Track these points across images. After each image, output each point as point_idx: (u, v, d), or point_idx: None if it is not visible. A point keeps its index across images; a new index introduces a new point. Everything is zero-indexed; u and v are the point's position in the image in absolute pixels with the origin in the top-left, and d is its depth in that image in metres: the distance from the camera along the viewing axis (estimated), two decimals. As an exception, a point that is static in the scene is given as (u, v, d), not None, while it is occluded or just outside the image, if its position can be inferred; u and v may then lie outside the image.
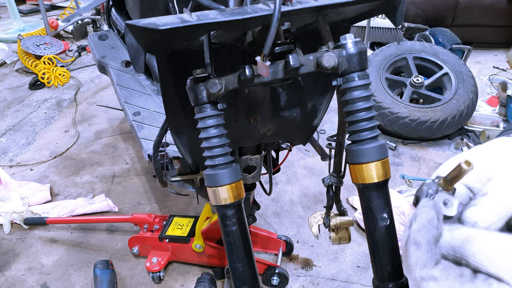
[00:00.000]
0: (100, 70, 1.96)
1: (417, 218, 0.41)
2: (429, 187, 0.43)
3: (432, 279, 0.37)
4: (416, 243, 0.39)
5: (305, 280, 1.64)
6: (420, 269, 0.38)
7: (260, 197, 2.06)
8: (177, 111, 0.87)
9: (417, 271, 0.38)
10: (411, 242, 0.40)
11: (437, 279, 0.37)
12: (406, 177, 2.25)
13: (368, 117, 0.67)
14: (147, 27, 0.56)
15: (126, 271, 1.68)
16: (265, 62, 0.61)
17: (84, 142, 2.61)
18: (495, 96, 3.01)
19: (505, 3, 3.89)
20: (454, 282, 0.36)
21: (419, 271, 0.38)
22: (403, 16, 0.74)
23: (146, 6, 1.68)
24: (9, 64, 3.89)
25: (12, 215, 1.90)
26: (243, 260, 0.75)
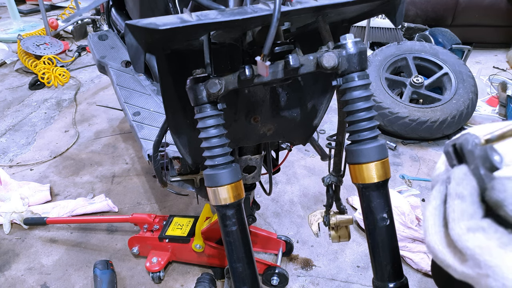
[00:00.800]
0: (100, 70, 1.96)
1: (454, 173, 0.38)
2: (474, 137, 0.39)
3: (480, 229, 0.34)
4: (460, 196, 0.37)
5: (305, 280, 1.64)
6: (467, 220, 0.35)
7: (260, 197, 2.06)
8: (177, 111, 0.87)
9: (463, 223, 0.35)
10: (454, 196, 0.37)
11: (486, 230, 0.34)
12: (406, 177, 2.25)
13: (368, 117, 0.67)
14: (147, 27, 0.56)
15: (126, 271, 1.68)
16: (265, 62, 0.61)
17: (84, 142, 2.61)
18: (495, 96, 3.01)
19: (505, 3, 3.89)
20: (503, 236, 0.33)
21: (466, 222, 0.35)
22: (403, 16, 0.74)
23: (146, 6, 1.68)
24: (9, 64, 3.88)
25: (12, 215, 1.90)
26: (243, 260, 0.75)
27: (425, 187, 2.18)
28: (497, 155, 0.37)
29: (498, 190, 0.35)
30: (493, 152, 0.37)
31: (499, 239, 0.33)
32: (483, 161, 0.37)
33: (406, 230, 1.71)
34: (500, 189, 0.35)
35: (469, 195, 0.37)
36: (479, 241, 0.34)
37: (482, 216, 0.35)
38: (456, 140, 0.41)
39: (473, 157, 0.38)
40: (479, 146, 0.38)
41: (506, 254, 0.32)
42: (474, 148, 0.38)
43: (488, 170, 0.37)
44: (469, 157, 0.39)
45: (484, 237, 0.34)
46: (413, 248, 1.68)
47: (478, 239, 0.34)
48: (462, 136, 0.40)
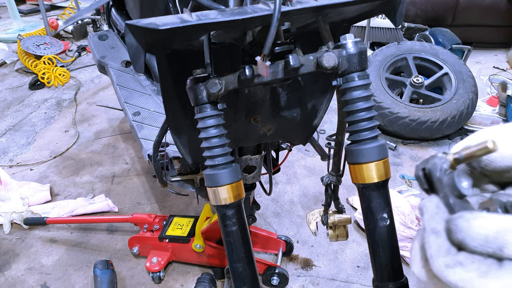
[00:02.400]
0: (100, 70, 1.96)
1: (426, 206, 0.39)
2: (442, 162, 0.38)
3: (458, 264, 0.35)
4: (434, 231, 0.37)
5: (305, 280, 1.64)
6: (443, 257, 0.36)
7: (260, 197, 2.06)
8: (177, 111, 0.87)
9: (440, 259, 0.36)
10: (429, 232, 0.38)
11: (463, 263, 0.35)
12: (406, 177, 2.25)
13: (368, 117, 0.67)
14: (147, 27, 0.56)
15: (126, 271, 1.68)
16: (265, 62, 0.61)
17: (84, 142, 2.61)
18: (495, 96, 3.01)
19: (505, 3, 3.89)
20: (480, 265, 0.34)
21: (443, 258, 0.36)
22: (403, 16, 0.74)
23: (146, 6, 1.68)
24: (9, 64, 3.89)
25: (12, 215, 1.90)
26: (243, 260, 0.75)
27: (425, 187, 2.18)
28: (465, 181, 0.37)
29: (455, 232, 0.35)
30: (461, 179, 0.37)
31: (478, 269, 0.34)
32: (452, 189, 0.37)
33: (406, 230, 1.71)
34: (456, 230, 0.35)
35: (443, 229, 0.37)
36: (459, 275, 0.34)
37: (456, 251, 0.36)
38: (426, 163, 0.41)
39: (441, 185, 0.38)
40: (448, 171, 0.38)
41: (488, 282, 0.33)
42: (442, 175, 0.38)
43: (457, 197, 0.37)
44: (438, 185, 0.39)
45: (463, 270, 0.35)
46: (413, 248, 1.68)
47: (458, 273, 0.35)
48: (431, 160, 0.40)
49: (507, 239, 0.33)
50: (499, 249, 0.33)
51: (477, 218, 0.34)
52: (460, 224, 0.35)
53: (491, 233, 0.33)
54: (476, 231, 0.34)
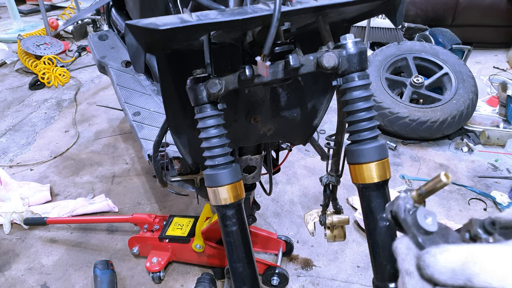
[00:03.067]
0: (100, 70, 1.96)
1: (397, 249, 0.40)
2: (405, 202, 0.40)
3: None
4: (408, 273, 0.38)
5: (305, 280, 1.64)
6: None
7: (260, 197, 2.06)
8: (177, 111, 0.87)
9: None
10: (403, 273, 0.39)
11: None
12: (406, 177, 2.25)
13: (368, 117, 0.67)
14: (147, 27, 0.56)
15: (126, 271, 1.68)
16: (265, 62, 0.61)
17: (84, 142, 2.61)
18: (495, 96, 3.01)
19: (505, 3, 3.89)
20: None
21: None
22: (403, 16, 0.74)
23: (146, 6, 1.68)
24: (9, 64, 3.89)
25: (12, 215, 1.90)
26: (243, 260, 0.75)
27: (425, 187, 2.18)
28: (429, 217, 0.39)
29: (423, 268, 0.36)
30: (425, 216, 0.38)
31: None
32: (417, 228, 0.38)
33: (406, 230, 1.71)
34: (424, 266, 0.36)
35: (415, 269, 0.38)
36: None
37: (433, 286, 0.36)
38: (392, 205, 0.42)
39: (408, 225, 0.39)
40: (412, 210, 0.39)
41: None
42: (407, 216, 0.39)
43: (423, 234, 0.38)
44: (405, 226, 0.40)
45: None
46: (413, 248, 1.68)
47: None
48: (396, 201, 0.41)
49: (474, 270, 0.33)
50: (468, 280, 0.33)
51: (443, 252, 0.35)
52: (427, 260, 0.36)
53: (457, 265, 0.34)
54: (443, 265, 0.35)
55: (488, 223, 0.37)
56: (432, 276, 0.36)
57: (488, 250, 0.34)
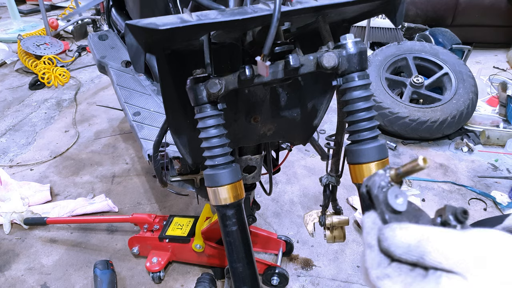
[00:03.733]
0: (100, 70, 1.96)
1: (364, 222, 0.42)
2: (381, 179, 0.41)
3: (386, 277, 0.38)
4: (369, 246, 0.41)
5: (305, 280, 1.64)
6: (375, 269, 0.39)
7: (260, 197, 2.06)
8: (177, 111, 0.87)
9: (373, 272, 0.39)
10: (366, 245, 0.41)
11: (391, 276, 0.38)
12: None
13: (368, 117, 0.67)
14: (147, 27, 0.56)
15: (126, 271, 1.68)
16: (265, 62, 0.61)
17: (84, 142, 2.61)
18: (495, 96, 3.01)
19: (505, 3, 3.89)
20: (406, 277, 0.37)
21: (374, 271, 0.39)
22: (403, 16, 0.74)
23: (146, 6, 1.68)
24: (9, 64, 3.88)
25: (12, 215, 1.90)
26: (243, 260, 0.75)
27: (425, 187, 2.18)
28: (400, 197, 0.40)
29: (382, 240, 0.39)
30: (397, 195, 0.40)
31: (403, 281, 0.37)
32: (386, 206, 0.40)
33: (406, 230, 1.71)
34: (383, 238, 0.39)
35: (376, 244, 0.40)
36: (387, 287, 0.38)
37: (389, 262, 0.39)
38: (368, 180, 0.43)
39: (378, 202, 0.41)
40: (385, 188, 0.41)
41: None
42: (379, 192, 0.40)
43: (391, 212, 0.40)
44: (375, 202, 0.41)
45: (390, 282, 0.38)
46: (413, 248, 1.68)
47: (387, 285, 0.38)
48: (373, 177, 0.43)
49: (427, 248, 0.35)
50: (420, 257, 0.36)
51: (402, 228, 0.38)
52: (387, 233, 0.38)
53: (413, 241, 0.36)
54: (400, 240, 0.37)
55: (460, 211, 0.38)
56: (388, 248, 0.38)
57: (445, 233, 0.36)
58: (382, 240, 0.39)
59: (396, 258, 0.38)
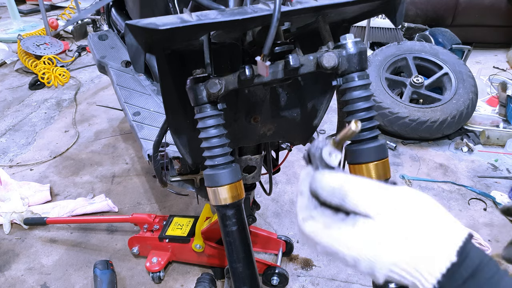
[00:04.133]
0: (100, 70, 1.96)
1: (301, 172, 0.48)
2: (319, 142, 0.47)
3: (310, 218, 0.44)
4: (301, 193, 0.46)
5: (305, 280, 1.64)
6: (302, 212, 0.45)
7: (260, 197, 2.06)
8: (177, 111, 0.87)
9: (300, 214, 0.45)
10: (298, 193, 0.47)
11: (314, 217, 0.43)
12: (406, 177, 2.25)
13: (368, 117, 0.67)
14: (147, 27, 0.56)
15: (126, 271, 1.68)
16: (265, 62, 0.61)
17: (84, 142, 2.61)
18: (495, 96, 3.01)
19: (505, 3, 3.89)
20: (327, 219, 0.42)
21: (301, 213, 0.45)
22: (403, 16, 0.74)
23: (146, 6, 1.68)
24: (9, 64, 3.88)
25: (12, 215, 1.90)
26: (243, 260, 0.75)
27: (425, 187, 2.18)
28: (333, 154, 0.46)
29: (311, 183, 0.44)
30: (330, 153, 0.46)
31: (324, 222, 0.43)
32: (321, 161, 0.46)
33: (406, 230, 1.71)
34: (312, 181, 0.44)
35: (307, 191, 0.45)
36: (310, 227, 0.43)
37: (316, 206, 0.44)
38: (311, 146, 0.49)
39: (314, 158, 0.47)
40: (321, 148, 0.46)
41: (328, 232, 0.42)
42: (315, 151, 0.47)
43: (325, 167, 0.45)
44: (312, 159, 0.47)
45: (313, 222, 0.43)
46: (413, 248, 1.68)
47: (310, 225, 0.43)
48: (313, 142, 0.48)
49: (348, 191, 0.41)
50: (342, 199, 0.41)
51: (330, 175, 0.43)
52: (316, 176, 0.44)
53: (337, 185, 0.42)
54: (326, 183, 0.43)
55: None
56: (316, 190, 0.43)
57: (365, 181, 0.41)
58: (311, 183, 0.44)
59: (322, 200, 0.43)
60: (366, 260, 0.39)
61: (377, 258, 0.39)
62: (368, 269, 0.40)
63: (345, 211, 0.42)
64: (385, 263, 0.39)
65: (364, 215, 0.40)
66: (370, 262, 0.39)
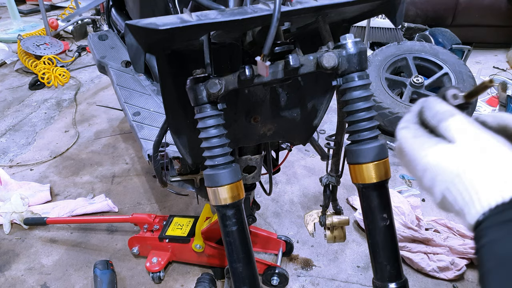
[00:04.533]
0: (100, 70, 1.96)
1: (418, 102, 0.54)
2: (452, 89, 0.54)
3: (407, 128, 0.51)
4: (411, 110, 0.54)
5: (305, 280, 1.64)
6: (403, 122, 0.53)
7: (260, 197, 2.06)
8: (177, 111, 0.87)
9: (401, 123, 0.53)
10: (408, 111, 0.54)
11: (409, 128, 0.51)
12: (406, 177, 2.25)
13: (368, 117, 0.67)
14: (147, 27, 0.56)
15: (126, 271, 1.68)
16: (265, 62, 0.61)
17: (84, 142, 2.61)
18: (495, 96, 3.01)
19: (505, 3, 3.89)
20: (418, 132, 0.50)
21: (402, 123, 0.53)
22: (403, 16, 0.74)
23: (146, 6, 1.68)
24: (9, 64, 3.88)
25: (12, 215, 1.90)
26: (243, 260, 0.75)
27: (425, 187, 2.18)
28: (454, 93, 0.53)
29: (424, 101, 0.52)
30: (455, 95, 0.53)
31: (414, 133, 0.50)
32: (442, 95, 0.53)
33: (406, 230, 1.71)
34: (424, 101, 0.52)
35: (416, 109, 0.53)
36: (403, 134, 0.51)
37: (416, 122, 0.52)
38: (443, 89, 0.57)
39: (440, 93, 0.55)
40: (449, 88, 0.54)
41: (414, 140, 0.49)
42: (444, 90, 0.54)
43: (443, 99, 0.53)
44: (439, 92, 0.55)
45: (407, 131, 0.51)
46: (413, 248, 1.68)
47: (403, 132, 0.51)
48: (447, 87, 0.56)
49: (446, 117, 0.47)
50: (439, 122, 0.48)
51: (442, 102, 0.51)
52: (431, 99, 0.51)
53: (441, 111, 0.48)
54: (434, 106, 0.50)
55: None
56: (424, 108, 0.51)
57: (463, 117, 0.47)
58: (424, 102, 0.52)
59: (423, 118, 0.51)
60: (434, 168, 0.45)
61: (444, 168, 0.44)
62: (430, 181, 0.45)
63: (436, 135, 0.48)
64: (449, 174, 0.43)
65: (449, 141, 0.46)
66: (436, 172, 0.45)
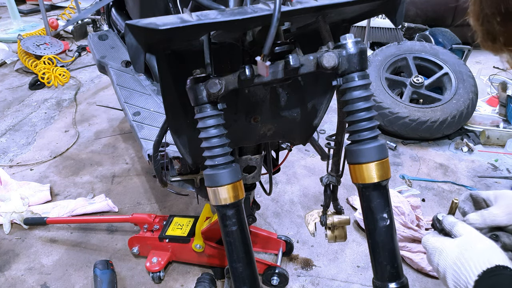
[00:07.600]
0: (100, 70, 1.96)
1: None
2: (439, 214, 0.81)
3: (430, 237, 0.77)
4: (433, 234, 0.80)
5: (305, 280, 1.64)
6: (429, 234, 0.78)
7: (260, 197, 2.06)
8: (177, 111, 0.87)
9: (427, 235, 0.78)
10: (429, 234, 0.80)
11: (431, 233, 0.78)
12: (406, 177, 2.25)
13: (368, 117, 0.67)
14: (147, 27, 0.56)
15: (126, 271, 1.68)
16: (265, 62, 0.61)
17: (84, 142, 2.61)
18: (495, 96, 3.01)
19: (505, 3, 3.89)
20: (436, 235, 0.78)
21: (425, 236, 0.78)
22: (403, 16, 0.74)
23: (146, 6, 1.68)
24: (9, 64, 3.88)
25: (12, 215, 1.90)
26: (243, 260, 0.75)
27: (425, 187, 2.18)
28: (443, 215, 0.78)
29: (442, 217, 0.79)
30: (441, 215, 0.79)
31: (433, 235, 0.78)
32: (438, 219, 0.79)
33: (406, 230, 1.71)
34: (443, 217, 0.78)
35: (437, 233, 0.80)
36: (427, 238, 0.77)
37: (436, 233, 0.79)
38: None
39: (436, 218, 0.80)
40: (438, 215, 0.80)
41: (433, 239, 0.75)
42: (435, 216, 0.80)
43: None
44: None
45: (429, 236, 0.77)
46: (413, 248, 1.68)
47: (427, 237, 0.77)
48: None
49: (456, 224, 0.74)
50: (452, 227, 0.75)
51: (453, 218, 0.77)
52: (446, 216, 0.78)
53: (454, 222, 0.75)
54: (449, 221, 0.76)
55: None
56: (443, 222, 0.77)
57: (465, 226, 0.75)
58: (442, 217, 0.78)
59: (441, 228, 0.77)
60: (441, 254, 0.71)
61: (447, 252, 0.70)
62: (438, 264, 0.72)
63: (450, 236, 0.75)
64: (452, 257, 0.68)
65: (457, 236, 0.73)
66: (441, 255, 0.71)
